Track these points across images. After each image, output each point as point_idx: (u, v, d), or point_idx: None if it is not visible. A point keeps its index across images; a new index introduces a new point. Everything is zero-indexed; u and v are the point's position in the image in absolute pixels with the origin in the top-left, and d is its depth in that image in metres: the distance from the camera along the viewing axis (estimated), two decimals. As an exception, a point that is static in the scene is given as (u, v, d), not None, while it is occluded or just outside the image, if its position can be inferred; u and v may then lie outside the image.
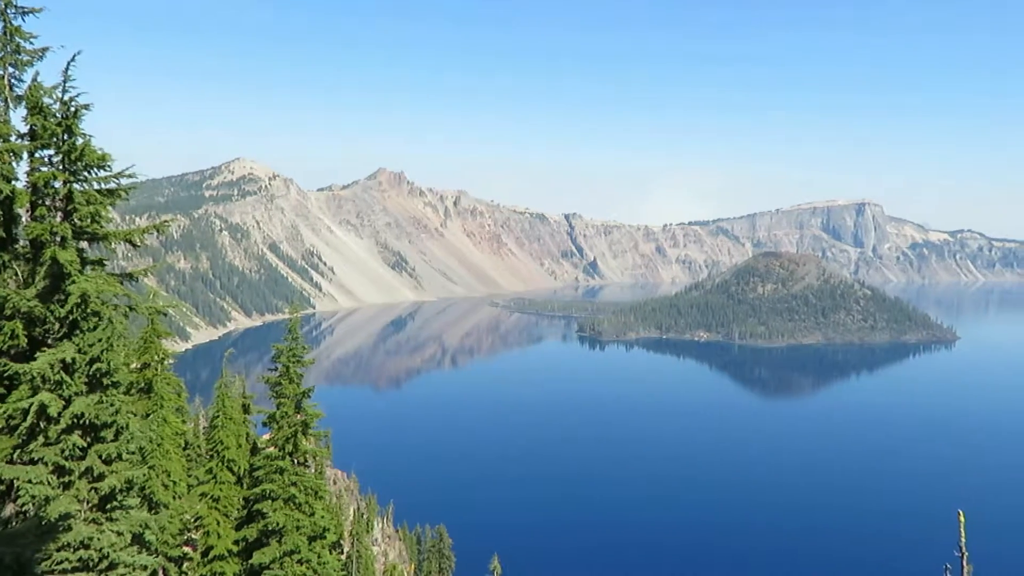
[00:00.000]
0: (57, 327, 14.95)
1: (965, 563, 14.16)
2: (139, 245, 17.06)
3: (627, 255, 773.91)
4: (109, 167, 15.59)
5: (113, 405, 15.19)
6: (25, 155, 14.92)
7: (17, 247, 15.30)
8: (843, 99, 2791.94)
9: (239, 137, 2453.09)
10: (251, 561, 25.60)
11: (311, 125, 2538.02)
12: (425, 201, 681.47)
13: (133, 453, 15.89)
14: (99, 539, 14.79)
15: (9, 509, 14.76)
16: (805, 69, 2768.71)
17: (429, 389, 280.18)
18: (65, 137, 14.99)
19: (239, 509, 28.98)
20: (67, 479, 14.75)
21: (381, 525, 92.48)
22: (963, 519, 14.00)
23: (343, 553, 60.77)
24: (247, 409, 34.29)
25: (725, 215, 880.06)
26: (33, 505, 14.26)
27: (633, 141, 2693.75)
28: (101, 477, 15.12)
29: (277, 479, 25.83)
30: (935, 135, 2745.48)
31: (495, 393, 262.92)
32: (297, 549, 25.25)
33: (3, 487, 14.57)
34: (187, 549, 29.31)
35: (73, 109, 14.90)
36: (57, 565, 14.51)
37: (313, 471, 29.70)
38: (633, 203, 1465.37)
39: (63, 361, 14.51)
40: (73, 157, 15.07)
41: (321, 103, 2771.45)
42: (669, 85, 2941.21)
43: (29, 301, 14.58)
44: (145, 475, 16.39)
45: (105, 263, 16.35)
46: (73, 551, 14.62)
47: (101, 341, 14.93)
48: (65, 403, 14.58)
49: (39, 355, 14.40)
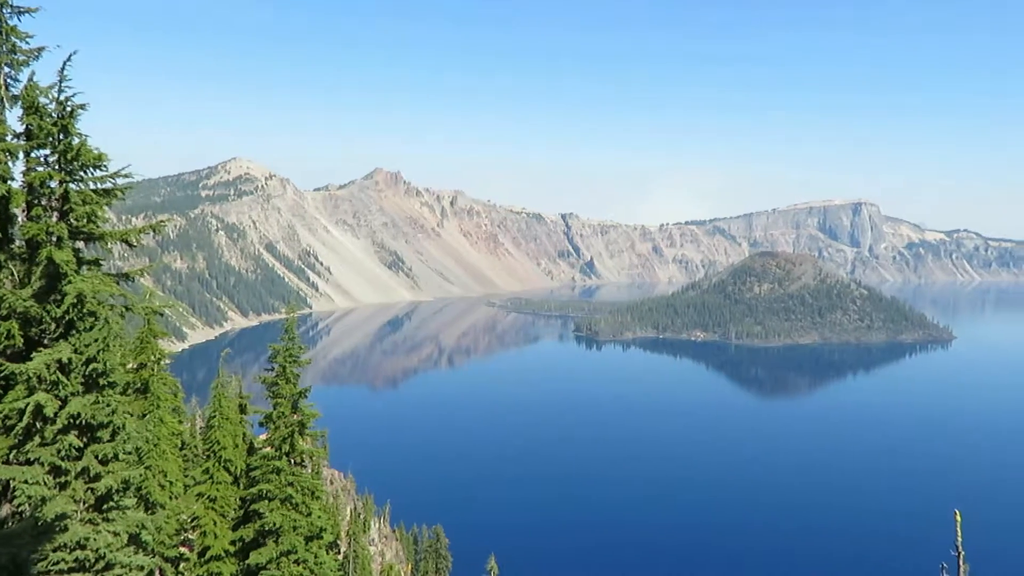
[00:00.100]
0: (53, 327, 14.92)
1: (962, 562, 14.19)
2: (135, 245, 17.02)
3: (624, 255, 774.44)
4: (105, 167, 15.56)
5: (109, 405, 15.17)
6: (21, 155, 14.88)
7: (13, 247, 15.26)
8: (841, 99, 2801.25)
9: (236, 137, 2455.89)
10: (248, 561, 25.57)
11: (308, 125, 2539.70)
12: (422, 201, 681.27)
13: (129, 453, 15.86)
14: (95, 539, 14.76)
15: (5, 509, 14.72)
16: (803, 69, 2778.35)
17: (426, 389, 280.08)
18: (61, 137, 14.96)
19: (236, 509, 28.96)
20: (63, 479, 14.72)
21: (378, 525, 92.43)
22: (959, 518, 14.03)
23: (340, 553, 60.73)
24: (244, 409, 34.26)
25: (722, 215, 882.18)
26: (29, 505, 14.23)
27: (630, 141, 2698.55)
28: (97, 477, 15.09)
29: (274, 479, 25.80)
30: (932, 135, 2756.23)
31: (492, 393, 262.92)
32: (294, 549, 25.23)
33: (-1, 488, 14.55)
34: (184, 549, 29.27)
35: (69, 109, 14.87)
36: (53, 566, 14.47)
37: (310, 471, 29.66)
38: (630, 203, 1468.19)
39: (59, 361, 14.48)
40: (69, 157, 15.04)
41: (318, 103, 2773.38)
42: (666, 85, 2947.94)
43: (25, 301, 14.55)
44: (142, 475, 16.36)
45: (101, 263, 16.32)
46: (69, 551, 14.59)
47: (97, 341, 14.91)
48: (61, 403, 14.55)
49: (35, 355, 14.37)
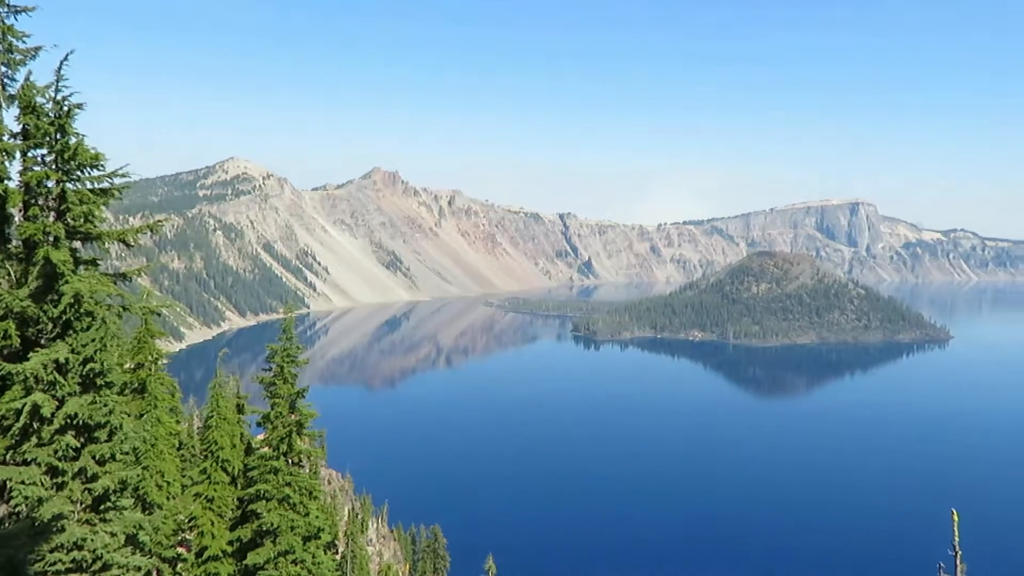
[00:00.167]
0: (50, 327, 14.90)
1: (959, 561, 14.21)
2: (133, 245, 17.00)
3: (622, 255, 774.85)
4: (102, 166, 15.54)
5: (107, 405, 15.15)
6: (18, 154, 14.86)
7: (10, 247, 15.23)
8: (838, 99, 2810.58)
9: (233, 136, 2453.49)
10: (245, 562, 25.53)
11: (306, 124, 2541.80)
12: (419, 201, 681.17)
13: (127, 454, 15.84)
14: (92, 540, 14.74)
15: (2, 510, 14.69)
16: (801, 69, 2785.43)
17: (424, 389, 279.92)
18: (58, 136, 14.94)
19: (233, 509, 28.90)
20: (60, 480, 14.70)
21: (376, 525, 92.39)
22: (956, 518, 14.05)
23: (338, 553, 60.72)
24: (241, 409, 34.20)
25: (720, 215, 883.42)
26: (26, 506, 14.20)
27: (628, 141, 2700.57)
28: (95, 478, 15.07)
29: (271, 479, 25.76)
30: (929, 135, 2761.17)
31: (490, 393, 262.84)
32: (292, 549, 25.20)
33: (-4, 488, 14.52)
34: (181, 550, 29.21)
35: (66, 108, 14.86)
36: (50, 566, 14.45)
37: (308, 471, 29.62)
38: (628, 203, 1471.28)
39: (56, 361, 14.46)
40: (66, 156, 15.02)
41: (316, 102, 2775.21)
42: (665, 85, 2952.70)
43: (22, 301, 14.52)
44: (139, 476, 16.34)
45: (98, 263, 16.30)
46: (66, 552, 14.56)
47: (94, 341, 14.89)
48: (58, 403, 14.53)
49: (32, 355, 14.35)
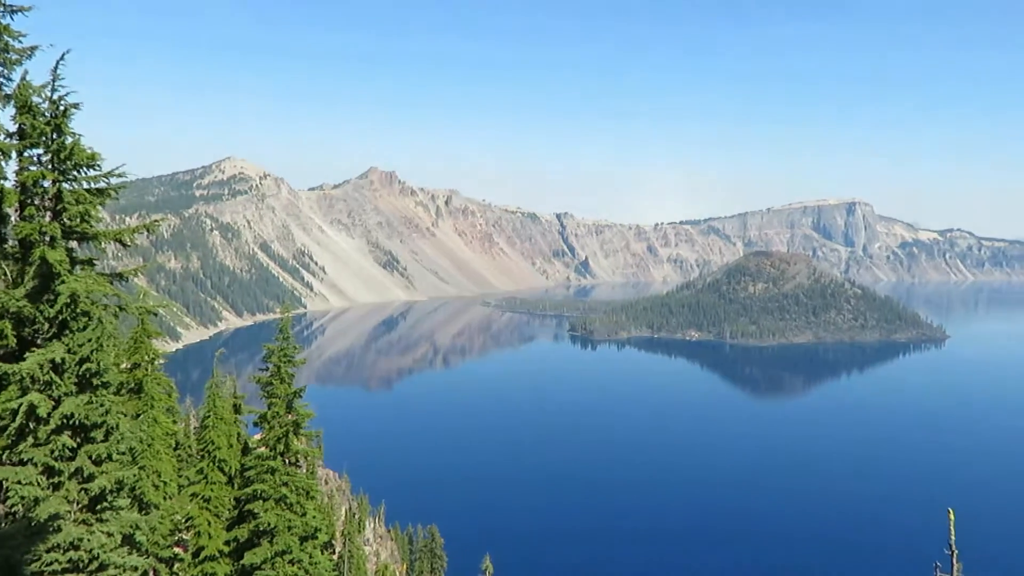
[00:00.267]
0: (46, 327, 14.87)
1: (955, 561, 14.23)
2: (129, 245, 16.98)
3: (618, 254, 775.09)
4: (99, 166, 15.52)
5: (103, 405, 15.12)
6: (14, 154, 14.84)
7: (6, 247, 15.22)
8: (836, 99, 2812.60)
9: (230, 136, 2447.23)
10: (242, 562, 25.50)
11: (302, 124, 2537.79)
12: (416, 200, 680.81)
13: (123, 454, 15.81)
14: (89, 540, 14.72)
15: (-2, 510, 14.67)
16: (798, 69, 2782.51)
17: (420, 389, 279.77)
18: (54, 136, 14.91)
19: (230, 509, 28.86)
20: (57, 480, 14.67)
21: (373, 525, 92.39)
22: (953, 517, 14.07)
23: (335, 553, 60.70)
24: (238, 409, 34.16)
25: (716, 214, 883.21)
26: (22, 506, 14.18)
27: (625, 141, 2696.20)
28: (91, 478, 15.05)
29: (268, 479, 25.74)
30: (926, 135, 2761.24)
31: (487, 393, 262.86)
32: (288, 549, 25.18)
33: (-8, 488, 14.49)
34: (178, 550, 29.19)
35: (62, 108, 14.83)
36: (47, 566, 14.42)
37: (304, 471, 29.61)
38: (625, 202, 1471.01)
39: (52, 361, 14.44)
40: (62, 156, 14.99)
41: (313, 102, 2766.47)
42: (662, 85, 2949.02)
43: (18, 301, 14.50)
44: (135, 476, 16.31)
45: (95, 263, 16.28)
46: (63, 552, 14.54)
47: (91, 341, 14.86)
48: (55, 403, 14.51)
49: (28, 355, 14.33)
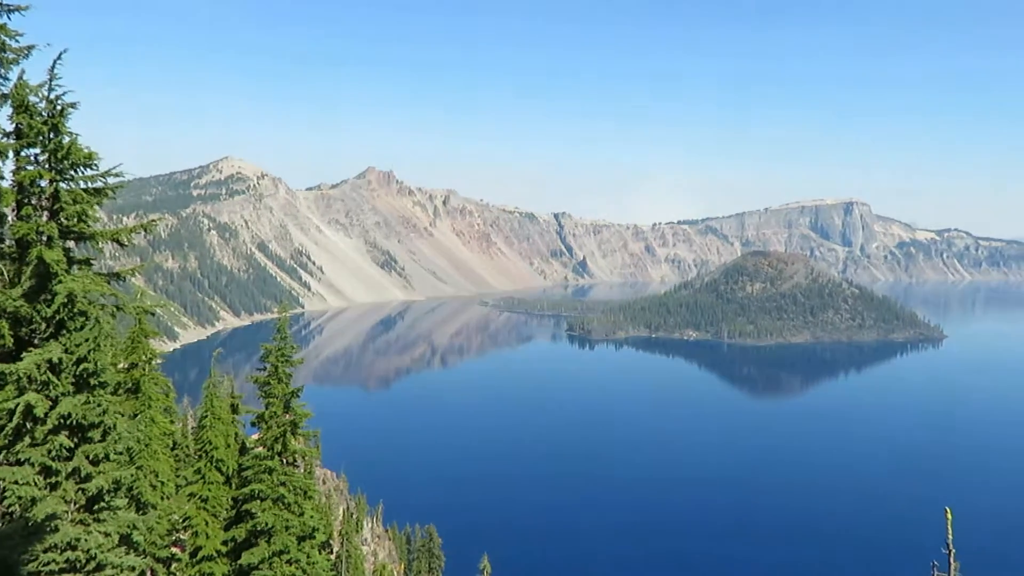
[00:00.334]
0: (44, 327, 14.85)
1: (952, 560, 14.25)
2: (126, 244, 16.94)
3: (616, 254, 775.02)
4: (96, 166, 15.49)
5: (100, 405, 15.10)
6: (11, 154, 14.81)
7: (3, 246, 15.19)
8: (833, 99, 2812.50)
9: (227, 136, 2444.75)
10: (240, 561, 25.48)
11: (300, 124, 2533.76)
12: (414, 200, 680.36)
13: (120, 454, 15.79)
14: (86, 540, 14.70)
15: (-5, 511, 14.65)
16: (796, 69, 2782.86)
17: (418, 389, 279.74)
18: (51, 136, 14.89)
19: (228, 509, 28.84)
20: (54, 480, 14.65)
21: (370, 525, 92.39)
22: (950, 516, 14.09)
23: (332, 553, 60.68)
24: (236, 409, 34.12)
25: (714, 214, 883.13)
26: (19, 506, 14.15)
27: (623, 140, 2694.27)
28: (88, 478, 15.03)
29: (266, 479, 25.72)
30: (924, 135, 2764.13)
31: (484, 393, 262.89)
32: (286, 549, 25.16)
33: (-11, 488, 14.46)
34: (175, 550, 29.16)
35: (59, 107, 14.81)
36: (44, 567, 14.40)
37: (302, 471, 29.61)
38: (623, 202, 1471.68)
39: (50, 361, 14.41)
40: (59, 156, 14.97)
41: (310, 102, 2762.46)
42: (659, 84, 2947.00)
43: (15, 301, 14.48)
44: (133, 476, 16.30)
45: (92, 262, 16.26)
46: (60, 552, 14.52)
47: (88, 341, 14.84)
48: (52, 403, 14.48)
49: (25, 355, 14.30)
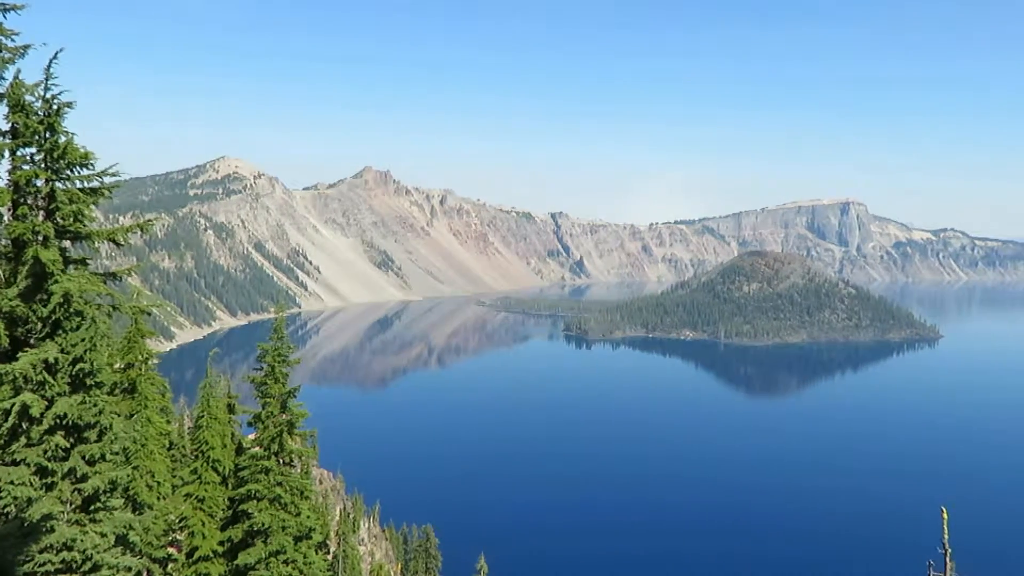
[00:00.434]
0: (39, 327, 14.82)
1: (948, 559, 14.28)
2: (123, 244, 16.92)
3: (613, 254, 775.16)
4: (92, 165, 15.47)
5: (96, 405, 15.08)
6: (6, 153, 14.78)
7: (-1, 246, 15.15)
8: (830, 99, 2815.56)
9: (224, 136, 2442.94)
10: (236, 562, 25.46)
11: (297, 123, 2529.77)
12: (411, 200, 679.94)
13: (117, 454, 15.77)
14: (82, 540, 14.67)
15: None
16: (792, 69, 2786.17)
17: (415, 389, 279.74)
18: (47, 135, 14.85)
19: (224, 510, 28.81)
20: (50, 480, 14.62)
21: (367, 525, 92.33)
22: (946, 515, 14.12)
23: (329, 553, 60.63)
24: (232, 409, 34.08)
25: (711, 214, 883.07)
26: (15, 507, 14.12)
27: (620, 140, 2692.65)
28: (84, 478, 15.00)
29: (263, 479, 25.70)
30: (920, 135, 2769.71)
31: (481, 392, 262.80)
32: (283, 549, 25.14)
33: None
34: (172, 550, 29.13)
35: (55, 107, 14.77)
36: (40, 567, 14.38)
37: (299, 471, 29.57)
38: (620, 202, 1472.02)
39: (45, 361, 14.38)
40: (55, 155, 14.94)
41: (307, 102, 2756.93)
42: (657, 84, 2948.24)
43: (11, 300, 14.45)
44: (129, 476, 16.28)
45: (88, 262, 16.22)
46: (56, 553, 14.49)
47: (84, 341, 14.81)
48: (48, 403, 14.45)
49: (21, 355, 14.27)
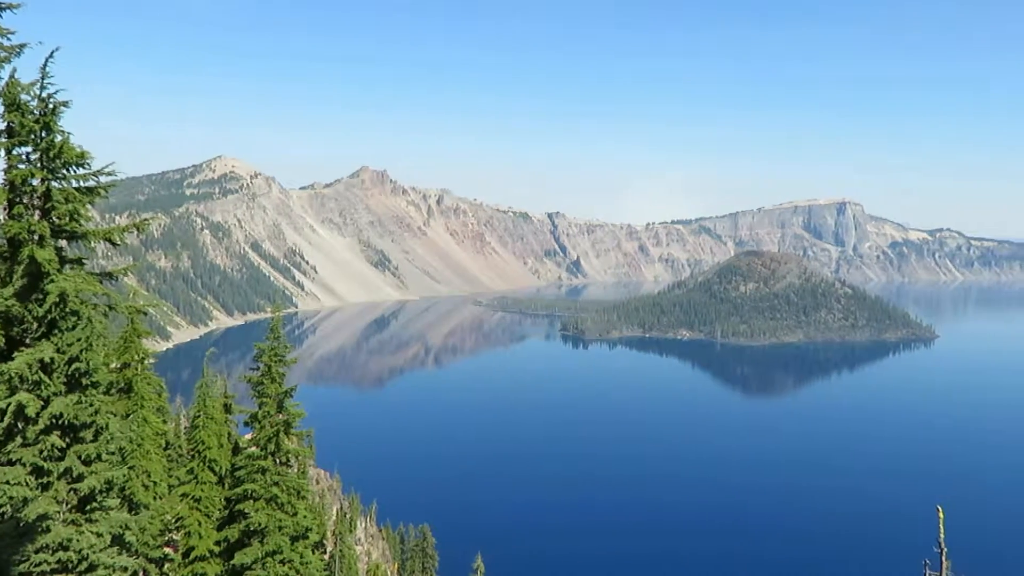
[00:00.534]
0: (35, 326, 14.79)
1: (944, 558, 14.32)
2: (119, 244, 16.89)
3: (610, 254, 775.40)
4: (88, 164, 15.43)
5: (92, 405, 15.05)
6: (2, 152, 14.75)
7: (-6, 246, 15.11)
8: (827, 99, 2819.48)
9: (220, 135, 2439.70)
10: (233, 562, 25.44)
11: (293, 123, 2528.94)
12: (408, 200, 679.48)
13: (113, 454, 15.75)
14: (78, 540, 14.65)
15: (-14, 511, 14.57)
16: (790, 69, 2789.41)
17: (412, 388, 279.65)
18: (43, 134, 14.82)
19: (221, 509, 28.79)
20: (45, 480, 14.59)
21: (364, 524, 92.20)
22: (942, 515, 14.16)
23: (326, 553, 60.56)
24: (229, 409, 34.06)
25: (708, 214, 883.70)
26: (11, 507, 14.09)
27: (617, 140, 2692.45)
28: (80, 478, 14.98)
29: (259, 479, 25.68)
30: (917, 135, 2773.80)
31: (478, 392, 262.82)
32: (279, 549, 25.12)
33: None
34: (168, 550, 29.10)
35: (51, 106, 14.74)
36: (36, 567, 14.35)
37: (295, 471, 29.53)
38: (616, 202, 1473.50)
39: (41, 361, 14.35)
40: (51, 154, 14.91)
41: (304, 101, 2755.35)
42: (654, 84, 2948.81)
43: (7, 300, 14.42)
44: (125, 476, 16.26)
45: (84, 262, 16.20)
46: (52, 553, 14.47)
47: (80, 340, 14.79)
48: (43, 403, 14.42)
49: (17, 355, 14.24)
